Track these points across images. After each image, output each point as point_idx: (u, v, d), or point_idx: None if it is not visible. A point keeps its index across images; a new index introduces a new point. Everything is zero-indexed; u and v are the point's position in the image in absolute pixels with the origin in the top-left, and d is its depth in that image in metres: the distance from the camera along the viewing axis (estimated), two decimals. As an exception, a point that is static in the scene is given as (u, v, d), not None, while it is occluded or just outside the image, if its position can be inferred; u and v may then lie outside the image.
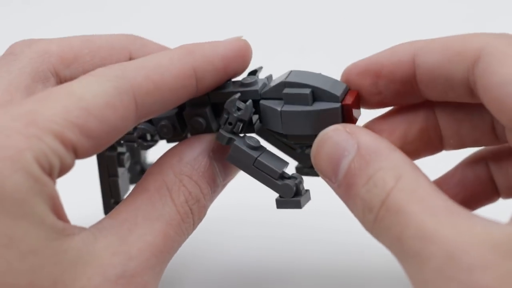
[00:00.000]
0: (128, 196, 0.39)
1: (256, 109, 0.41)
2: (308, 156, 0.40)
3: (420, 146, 0.42)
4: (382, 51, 0.41)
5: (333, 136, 0.38)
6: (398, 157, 0.36)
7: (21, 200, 0.33)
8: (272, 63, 0.48)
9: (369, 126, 0.42)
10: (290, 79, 0.40)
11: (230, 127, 0.40)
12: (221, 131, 0.40)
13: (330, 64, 0.74)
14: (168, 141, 0.44)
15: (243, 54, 0.41)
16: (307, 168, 0.44)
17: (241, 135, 0.41)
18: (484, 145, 0.43)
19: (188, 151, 0.40)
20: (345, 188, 0.37)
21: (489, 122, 0.41)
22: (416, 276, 0.34)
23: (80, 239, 0.35)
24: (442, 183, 0.44)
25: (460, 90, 0.39)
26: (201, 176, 0.40)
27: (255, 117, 0.42)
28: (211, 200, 0.41)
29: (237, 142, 0.40)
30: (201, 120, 0.42)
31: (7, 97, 0.37)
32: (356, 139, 0.37)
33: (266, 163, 0.40)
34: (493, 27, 0.70)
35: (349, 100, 0.39)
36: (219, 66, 0.40)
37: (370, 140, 0.37)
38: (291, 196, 0.40)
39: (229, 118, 0.40)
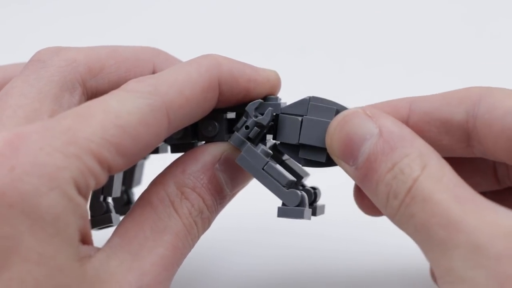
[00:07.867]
0: (132, 210, 0.39)
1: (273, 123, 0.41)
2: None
3: None
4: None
5: (354, 118, 0.38)
6: (422, 144, 0.37)
7: (55, 218, 0.33)
8: (272, 64, 0.47)
9: None
10: (313, 100, 0.40)
11: (247, 131, 0.40)
12: (236, 133, 0.40)
13: (330, 64, 0.76)
14: (173, 150, 0.44)
15: (271, 82, 0.42)
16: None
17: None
18: (485, 190, 0.43)
19: (192, 162, 0.40)
20: (366, 172, 0.37)
21: (491, 165, 0.42)
22: (440, 263, 0.34)
23: (96, 259, 0.35)
24: None
25: (456, 135, 0.39)
26: (204, 188, 0.39)
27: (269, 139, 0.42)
28: (216, 211, 0.41)
29: (251, 145, 0.40)
30: (216, 124, 0.42)
31: (36, 105, 0.38)
32: (378, 123, 0.37)
33: (277, 168, 0.40)
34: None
35: None
36: (243, 85, 0.41)
37: (392, 125, 0.37)
38: (294, 205, 0.39)
39: (247, 121, 0.40)
